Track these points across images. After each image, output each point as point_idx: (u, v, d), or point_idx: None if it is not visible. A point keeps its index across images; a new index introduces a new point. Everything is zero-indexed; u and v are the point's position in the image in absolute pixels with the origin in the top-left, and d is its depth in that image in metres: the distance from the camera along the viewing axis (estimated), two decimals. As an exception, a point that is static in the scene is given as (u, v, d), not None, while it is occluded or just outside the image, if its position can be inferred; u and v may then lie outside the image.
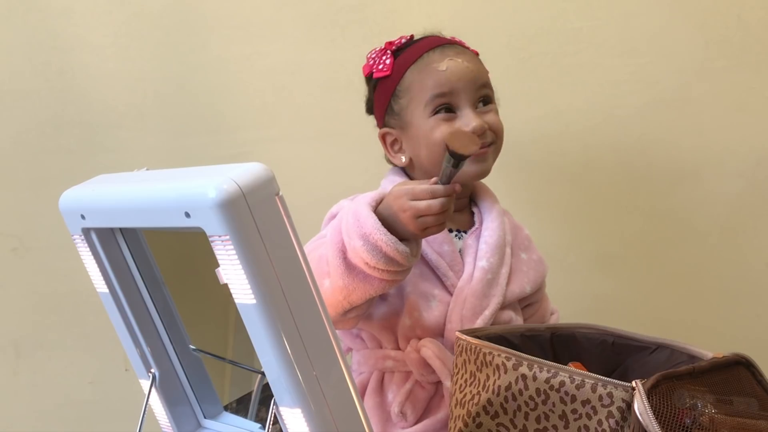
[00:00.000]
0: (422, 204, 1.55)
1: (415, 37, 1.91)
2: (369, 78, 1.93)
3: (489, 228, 1.86)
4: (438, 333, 1.79)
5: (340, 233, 1.61)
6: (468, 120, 1.79)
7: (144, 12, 2.35)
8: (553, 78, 2.36)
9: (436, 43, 1.87)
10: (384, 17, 2.32)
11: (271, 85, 2.38)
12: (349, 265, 1.60)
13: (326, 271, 1.63)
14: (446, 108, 1.81)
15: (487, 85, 1.86)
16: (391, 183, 1.87)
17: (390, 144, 1.91)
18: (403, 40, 1.90)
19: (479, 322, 1.76)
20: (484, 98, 1.85)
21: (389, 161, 1.94)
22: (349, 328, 1.81)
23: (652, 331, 1.52)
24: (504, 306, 1.83)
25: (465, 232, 1.89)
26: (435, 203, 1.55)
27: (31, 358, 2.45)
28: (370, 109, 1.97)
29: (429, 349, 1.75)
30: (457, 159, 1.53)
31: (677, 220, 2.41)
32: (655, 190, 2.40)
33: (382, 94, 1.90)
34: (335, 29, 2.35)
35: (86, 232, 1.28)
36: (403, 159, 1.89)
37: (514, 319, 1.86)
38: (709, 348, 1.39)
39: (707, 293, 2.45)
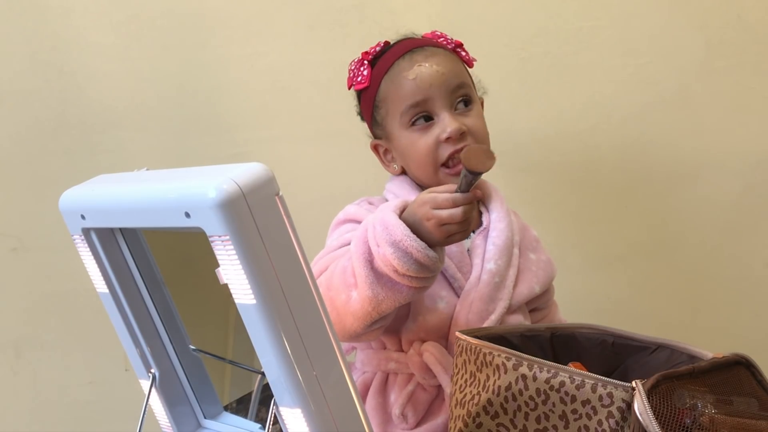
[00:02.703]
0: (445, 213, 1.56)
1: (391, 42, 1.90)
2: (353, 90, 1.93)
3: (497, 228, 1.84)
4: (442, 336, 1.78)
5: (366, 243, 1.60)
6: (444, 125, 1.78)
7: (144, 12, 2.35)
8: (553, 78, 2.36)
9: (406, 49, 1.86)
10: (384, 17, 2.32)
11: (271, 85, 2.38)
12: (377, 274, 1.59)
13: (352, 283, 1.62)
14: (424, 117, 1.80)
15: (463, 85, 1.83)
16: (396, 184, 1.89)
17: (383, 154, 1.92)
18: (378, 48, 1.89)
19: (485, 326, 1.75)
20: (464, 98, 1.83)
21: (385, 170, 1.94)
22: (373, 339, 1.79)
23: (653, 331, 1.52)
24: (512, 310, 1.82)
25: (473, 232, 1.87)
26: (457, 212, 1.56)
27: (31, 358, 2.45)
28: (362, 118, 1.97)
29: (431, 354, 1.74)
30: (476, 175, 1.55)
31: (677, 221, 2.42)
32: (655, 190, 2.41)
33: (365, 106, 1.90)
34: (335, 29, 2.36)
35: (86, 232, 1.28)
36: (396, 167, 1.90)
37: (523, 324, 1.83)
38: (709, 348, 1.39)
39: (707, 293, 2.45)
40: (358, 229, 1.66)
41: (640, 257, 2.45)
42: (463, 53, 1.90)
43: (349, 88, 1.92)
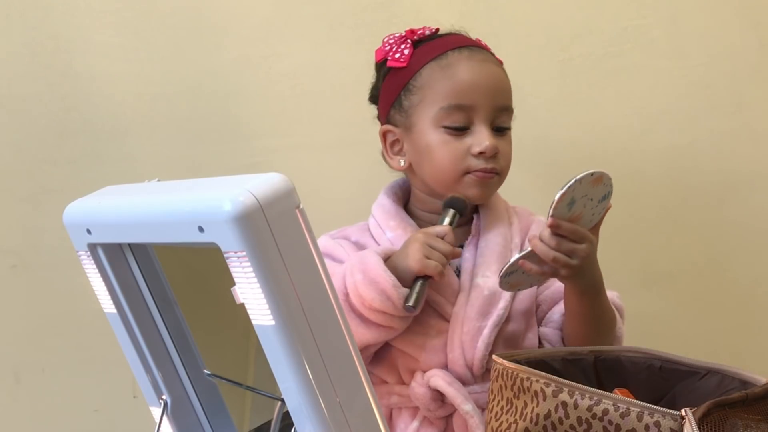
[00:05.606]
0: (434, 242, 1.71)
1: (441, 32, 1.91)
2: (381, 64, 1.93)
3: (486, 238, 1.87)
4: (441, 363, 1.80)
5: (343, 279, 1.71)
6: (481, 139, 1.80)
7: (153, 11, 2.36)
8: (596, 81, 2.37)
9: (462, 43, 1.87)
10: (413, 15, 2.31)
11: (291, 90, 2.39)
12: (348, 307, 1.68)
13: None
14: (460, 121, 1.82)
15: (509, 107, 1.86)
16: (378, 207, 1.93)
17: (390, 143, 1.92)
18: (427, 32, 1.89)
19: (480, 344, 1.77)
20: (504, 121, 1.85)
21: (385, 161, 1.96)
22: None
23: (702, 355, 1.53)
24: (511, 319, 1.83)
25: (462, 246, 1.89)
26: (442, 243, 1.71)
27: (32, 384, 2.46)
28: (374, 98, 1.97)
29: (440, 377, 1.76)
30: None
31: (729, 235, 2.41)
32: (705, 202, 2.40)
33: (393, 86, 1.89)
34: (360, 29, 2.36)
35: (92, 247, 1.29)
36: (402, 162, 1.91)
37: (523, 335, 1.86)
38: (763, 373, 1.39)
39: (761, 313, 2.44)
40: (339, 268, 1.75)
41: (689, 275, 2.45)
42: None
43: (379, 62, 1.93)
